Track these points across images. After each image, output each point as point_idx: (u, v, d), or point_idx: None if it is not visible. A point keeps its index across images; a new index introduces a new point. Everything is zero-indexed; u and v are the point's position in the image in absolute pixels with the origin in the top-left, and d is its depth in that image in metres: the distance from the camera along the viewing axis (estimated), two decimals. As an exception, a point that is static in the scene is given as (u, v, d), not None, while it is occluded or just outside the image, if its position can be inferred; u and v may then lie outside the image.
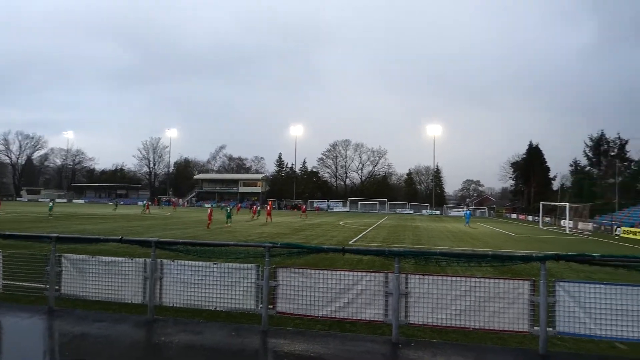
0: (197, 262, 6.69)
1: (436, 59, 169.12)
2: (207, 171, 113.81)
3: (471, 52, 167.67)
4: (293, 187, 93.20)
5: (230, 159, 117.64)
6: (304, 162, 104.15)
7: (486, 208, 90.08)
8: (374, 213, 78.42)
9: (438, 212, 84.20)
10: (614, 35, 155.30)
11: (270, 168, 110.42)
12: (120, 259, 7.10)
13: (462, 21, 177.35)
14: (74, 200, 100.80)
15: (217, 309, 6.65)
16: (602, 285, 5.74)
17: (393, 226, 39.75)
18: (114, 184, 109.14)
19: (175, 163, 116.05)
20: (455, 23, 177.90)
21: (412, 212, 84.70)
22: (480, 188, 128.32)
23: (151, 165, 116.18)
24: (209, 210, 34.32)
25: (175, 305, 6.80)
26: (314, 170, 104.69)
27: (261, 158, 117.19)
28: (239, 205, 67.73)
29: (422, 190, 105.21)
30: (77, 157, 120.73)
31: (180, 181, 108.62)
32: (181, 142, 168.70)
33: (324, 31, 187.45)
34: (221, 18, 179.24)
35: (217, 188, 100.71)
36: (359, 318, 6.24)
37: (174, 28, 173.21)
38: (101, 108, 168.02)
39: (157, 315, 6.87)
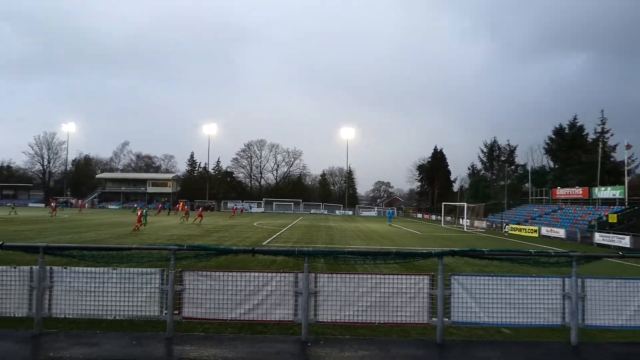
0: (93, 269, 6.16)
1: (354, 66, 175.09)
2: (111, 170, 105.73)
3: (386, 62, 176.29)
4: (206, 187, 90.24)
5: (138, 157, 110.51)
6: (218, 161, 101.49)
7: (395, 208, 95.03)
8: (288, 214, 78.78)
9: (351, 213, 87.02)
10: (506, 56, 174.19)
11: (182, 167, 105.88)
12: (1, 267, 6.31)
13: (380, 32, 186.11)
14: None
15: (117, 317, 6.18)
16: (490, 277, 6.34)
17: (307, 226, 40.28)
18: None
19: (74, 161, 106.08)
20: (374, 33, 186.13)
21: (326, 212, 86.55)
22: (390, 189, 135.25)
23: (45, 163, 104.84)
24: (138, 212, 31.94)
25: (67, 316, 6.19)
26: (229, 170, 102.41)
27: (171, 156, 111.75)
28: (160, 206, 63.95)
29: (336, 191, 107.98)
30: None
31: (80, 181, 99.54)
32: (82, 138, 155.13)
33: (244, 32, 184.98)
34: (139, 12, 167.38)
35: (123, 188, 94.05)
36: (269, 319, 6.20)
37: (83, 16, 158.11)
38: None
39: (47, 329, 6.22)
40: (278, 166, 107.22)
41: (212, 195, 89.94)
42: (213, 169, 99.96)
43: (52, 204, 54.93)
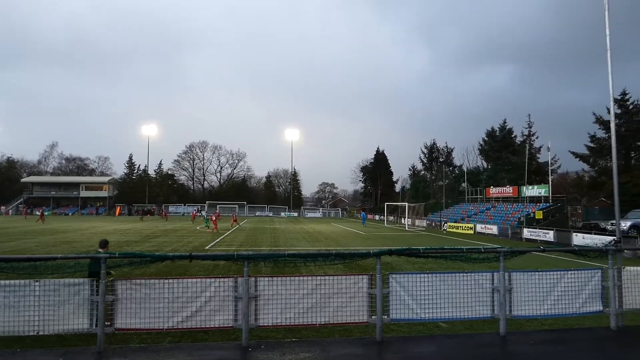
0: (13, 281, 5.70)
1: (298, 69, 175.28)
2: (39, 173, 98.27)
3: (331, 65, 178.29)
4: (146, 190, 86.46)
5: (68, 159, 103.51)
6: (160, 164, 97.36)
7: (339, 209, 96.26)
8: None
9: (296, 214, 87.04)
10: (444, 65, 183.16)
11: (119, 170, 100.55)
12: None
13: (325, 36, 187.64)
14: None
15: (41, 333, 5.76)
16: (426, 275, 6.60)
17: (252, 229, 39.79)
18: None
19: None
20: (319, 37, 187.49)
21: (271, 214, 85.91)
22: (335, 190, 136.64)
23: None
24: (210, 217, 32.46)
25: (-19, 334, 5.69)
26: (170, 172, 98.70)
27: (106, 158, 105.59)
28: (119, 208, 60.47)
29: (281, 192, 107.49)
30: None
31: (3, 185, 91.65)
32: (5, 139, 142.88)
33: (188, 34, 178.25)
34: (79, 9, 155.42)
35: (53, 192, 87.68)
36: (208, 326, 6.05)
37: (12, 10, 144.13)
38: None
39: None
40: (222, 168, 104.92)
41: (152, 199, 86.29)
42: (155, 172, 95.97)
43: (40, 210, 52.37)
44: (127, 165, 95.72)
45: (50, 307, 5.70)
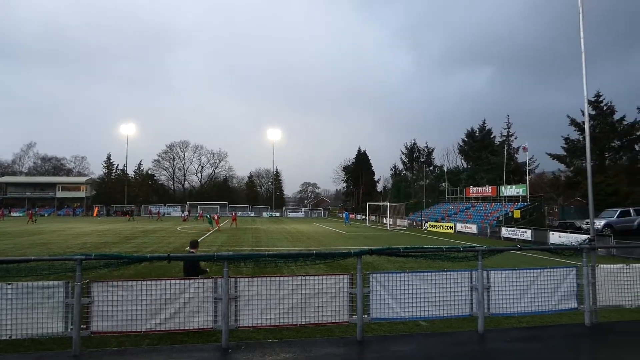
0: (-17, 284, 5.53)
1: (281, 69, 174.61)
2: (13, 173, 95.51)
3: (314, 65, 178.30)
4: (125, 191, 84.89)
5: (44, 159, 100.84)
6: (140, 164, 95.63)
7: (322, 209, 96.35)
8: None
9: (278, 214, 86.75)
10: (426, 67, 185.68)
11: (97, 170, 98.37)
12: None
13: (309, 36, 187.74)
14: None
15: (14, 337, 5.59)
16: (406, 274, 6.65)
17: (233, 229, 39.49)
18: None
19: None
20: (302, 38, 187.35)
21: (253, 214, 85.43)
22: (317, 190, 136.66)
23: None
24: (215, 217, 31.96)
25: (-49, 339, 5.50)
26: (150, 172, 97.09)
27: (83, 157, 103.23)
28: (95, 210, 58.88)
29: (263, 192, 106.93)
30: None
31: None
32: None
33: (169, 33, 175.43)
34: (58, 7, 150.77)
35: (28, 193, 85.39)
36: (187, 328, 5.97)
37: None
38: None
39: None
40: (203, 168, 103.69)
41: (131, 199, 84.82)
42: (134, 172, 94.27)
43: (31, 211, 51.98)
44: (105, 165, 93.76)
45: (24, 311, 5.54)
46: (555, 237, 26.94)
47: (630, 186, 41.89)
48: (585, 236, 10.34)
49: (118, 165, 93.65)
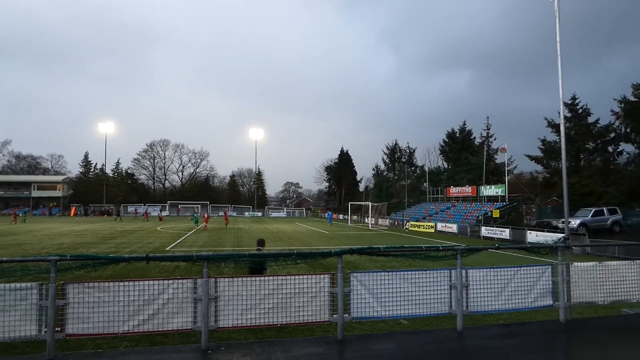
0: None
1: (264, 69, 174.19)
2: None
3: (297, 66, 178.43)
4: (103, 190, 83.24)
5: (19, 157, 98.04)
6: (118, 162, 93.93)
7: (304, 208, 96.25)
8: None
9: (260, 214, 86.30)
10: (407, 69, 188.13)
11: (75, 169, 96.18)
12: None
13: (291, 37, 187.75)
14: None
15: (-16, 341, 5.43)
16: (386, 273, 6.69)
17: (215, 229, 39.12)
18: None
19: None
20: (285, 39, 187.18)
21: (235, 214, 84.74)
22: (299, 190, 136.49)
23: None
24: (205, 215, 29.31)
25: None
26: (129, 171, 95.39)
27: (60, 156, 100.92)
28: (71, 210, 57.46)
29: (245, 192, 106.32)
30: None
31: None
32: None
33: (152, 32, 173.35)
34: (36, 2, 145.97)
35: (1, 192, 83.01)
36: (166, 329, 5.89)
37: None
38: None
39: None
40: (184, 167, 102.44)
41: (110, 199, 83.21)
42: (112, 171, 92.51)
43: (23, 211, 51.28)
44: (82, 164, 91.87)
45: (-6, 314, 5.38)
46: (533, 236, 27.51)
47: (604, 187, 43.04)
48: (561, 235, 10.58)
49: (96, 164, 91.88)
